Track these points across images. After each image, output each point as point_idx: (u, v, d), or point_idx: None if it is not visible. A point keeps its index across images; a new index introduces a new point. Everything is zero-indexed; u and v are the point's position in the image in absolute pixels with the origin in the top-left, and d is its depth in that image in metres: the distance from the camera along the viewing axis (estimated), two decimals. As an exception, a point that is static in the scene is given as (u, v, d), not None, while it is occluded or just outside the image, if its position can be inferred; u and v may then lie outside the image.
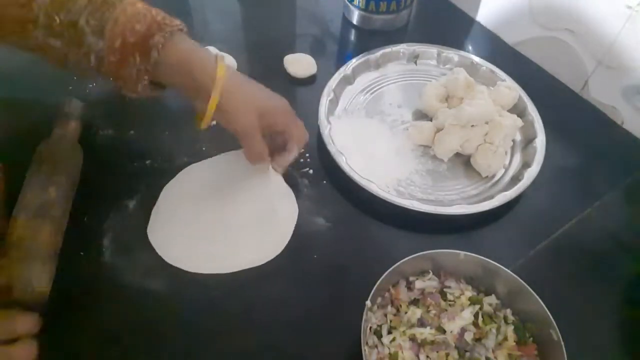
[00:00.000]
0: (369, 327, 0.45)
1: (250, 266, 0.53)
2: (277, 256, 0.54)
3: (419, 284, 0.49)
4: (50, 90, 0.69)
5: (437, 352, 0.45)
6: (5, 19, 0.46)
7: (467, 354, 0.45)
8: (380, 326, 0.46)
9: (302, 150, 0.62)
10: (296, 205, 0.59)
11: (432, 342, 0.45)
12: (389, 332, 0.46)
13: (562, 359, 0.42)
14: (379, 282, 0.45)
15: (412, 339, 0.45)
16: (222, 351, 0.48)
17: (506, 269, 0.47)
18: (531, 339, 0.46)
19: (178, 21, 0.50)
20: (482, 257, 0.48)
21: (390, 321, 0.47)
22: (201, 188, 0.59)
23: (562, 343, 0.42)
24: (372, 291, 0.44)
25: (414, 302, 0.48)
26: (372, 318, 0.46)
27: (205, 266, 0.53)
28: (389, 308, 0.47)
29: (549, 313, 0.44)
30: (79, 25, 0.46)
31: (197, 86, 0.50)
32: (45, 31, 0.47)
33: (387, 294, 0.48)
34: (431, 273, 0.49)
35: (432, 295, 0.48)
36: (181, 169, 0.61)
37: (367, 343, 0.44)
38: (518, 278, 0.46)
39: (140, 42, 0.47)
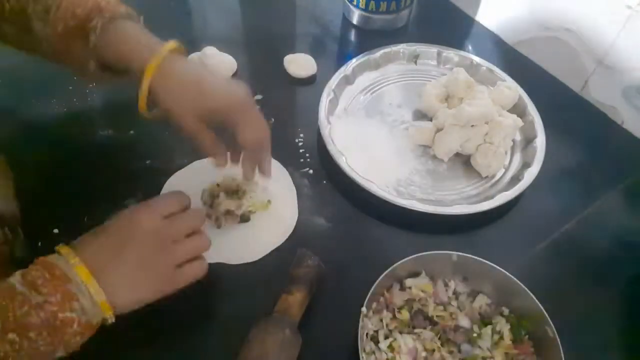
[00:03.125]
0: (365, 334, 0.45)
1: (250, 260, 0.54)
2: (277, 256, 0.54)
3: (409, 282, 0.49)
4: (50, 91, 0.69)
5: (433, 354, 0.45)
6: None
7: (464, 355, 0.45)
8: (376, 332, 0.46)
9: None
10: (296, 205, 0.59)
11: (430, 346, 0.46)
12: (386, 338, 0.46)
13: (558, 355, 0.42)
14: (373, 287, 0.45)
15: (409, 343, 0.45)
16: (218, 351, 0.48)
17: (499, 268, 0.47)
18: (527, 336, 0.46)
19: (123, 7, 0.50)
20: (476, 257, 0.48)
21: (387, 325, 0.47)
22: (208, 180, 0.60)
23: (558, 339, 0.42)
24: (367, 297, 0.44)
25: (408, 303, 0.48)
26: (368, 324, 0.46)
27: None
28: (385, 313, 0.48)
29: (543, 310, 0.44)
30: (27, 12, 0.48)
31: (133, 70, 0.48)
32: None
33: (382, 299, 0.48)
34: (424, 273, 0.49)
35: (426, 297, 0.49)
36: (180, 169, 0.61)
37: (364, 350, 0.44)
38: (512, 276, 0.47)
39: (79, 26, 0.47)
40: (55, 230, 0.55)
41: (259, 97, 0.71)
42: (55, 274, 0.38)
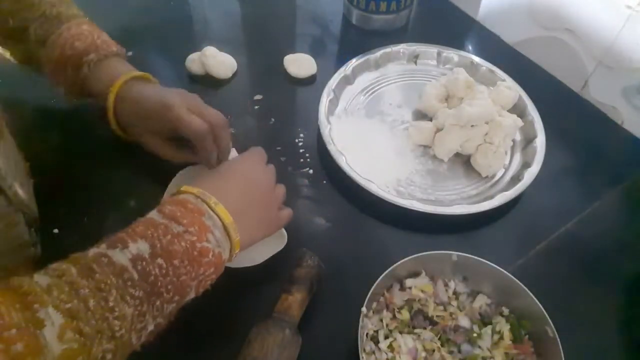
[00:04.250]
0: (365, 334, 0.45)
1: (249, 264, 0.53)
2: (277, 256, 0.54)
3: (409, 282, 0.49)
4: (49, 91, 0.69)
5: (433, 354, 0.45)
6: None
7: (464, 355, 0.45)
8: (377, 331, 0.46)
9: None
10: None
11: (430, 346, 0.46)
12: (386, 338, 0.46)
13: (558, 354, 0.42)
14: (373, 287, 0.45)
15: (409, 343, 0.45)
16: (219, 351, 0.48)
17: (499, 268, 0.47)
18: (527, 336, 0.46)
19: (115, 47, 0.57)
20: (475, 257, 0.48)
21: (387, 325, 0.47)
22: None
23: (558, 339, 0.42)
24: (367, 297, 0.44)
25: (408, 303, 0.48)
26: (368, 324, 0.46)
27: None
28: (385, 312, 0.48)
29: (543, 310, 0.44)
30: (28, 31, 0.55)
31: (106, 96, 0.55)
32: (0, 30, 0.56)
33: (382, 299, 0.48)
34: (424, 273, 0.49)
35: (426, 297, 0.49)
36: (181, 169, 0.61)
37: (364, 350, 0.44)
38: (512, 276, 0.47)
39: (75, 57, 0.54)
40: (55, 230, 0.55)
41: (259, 97, 0.71)
42: (188, 207, 0.40)
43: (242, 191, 0.46)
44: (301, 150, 0.65)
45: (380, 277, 0.45)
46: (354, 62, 0.73)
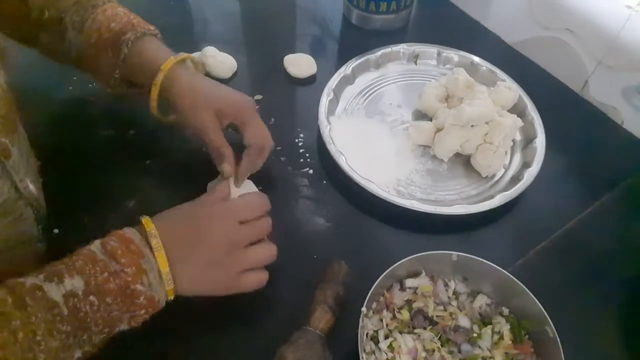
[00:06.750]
0: (365, 334, 0.45)
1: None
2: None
3: (409, 282, 0.49)
4: (49, 91, 0.69)
5: (433, 354, 0.45)
6: (4, 12, 0.52)
7: (464, 355, 0.45)
8: (377, 331, 0.46)
9: (266, 154, 0.57)
10: None
11: (430, 346, 0.46)
12: (386, 337, 0.46)
13: (558, 355, 0.42)
14: (373, 287, 0.45)
15: (409, 343, 0.45)
16: (221, 352, 0.48)
17: (499, 268, 0.47)
18: (527, 336, 0.46)
19: (152, 26, 0.57)
20: (475, 257, 0.48)
21: (387, 325, 0.47)
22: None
23: (558, 339, 0.42)
24: (367, 297, 0.44)
25: (408, 303, 0.48)
26: (368, 324, 0.46)
27: None
28: (385, 312, 0.47)
29: (544, 310, 0.44)
30: (63, 21, 0.54)
31: (150, 76, 0.53)
32: (36, 24, 0.54)
33: (382, 299, 0.48)
34: (424, 273, 0.49)
35: (426, 297, 0.49)
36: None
37: (364, 350, 0.44)
38: (512, 276, 0.47)
39: (113, 38, 0.54)
40: (56, 231, 0.55)
41: (259, 97, 0.71)
42: (130, 248, 0.40)
43: (191, 240, 0.44)
44: (301, 150, 0.65)
45: (380, 277, 0.45)
46: (354, 62, 0.73)
